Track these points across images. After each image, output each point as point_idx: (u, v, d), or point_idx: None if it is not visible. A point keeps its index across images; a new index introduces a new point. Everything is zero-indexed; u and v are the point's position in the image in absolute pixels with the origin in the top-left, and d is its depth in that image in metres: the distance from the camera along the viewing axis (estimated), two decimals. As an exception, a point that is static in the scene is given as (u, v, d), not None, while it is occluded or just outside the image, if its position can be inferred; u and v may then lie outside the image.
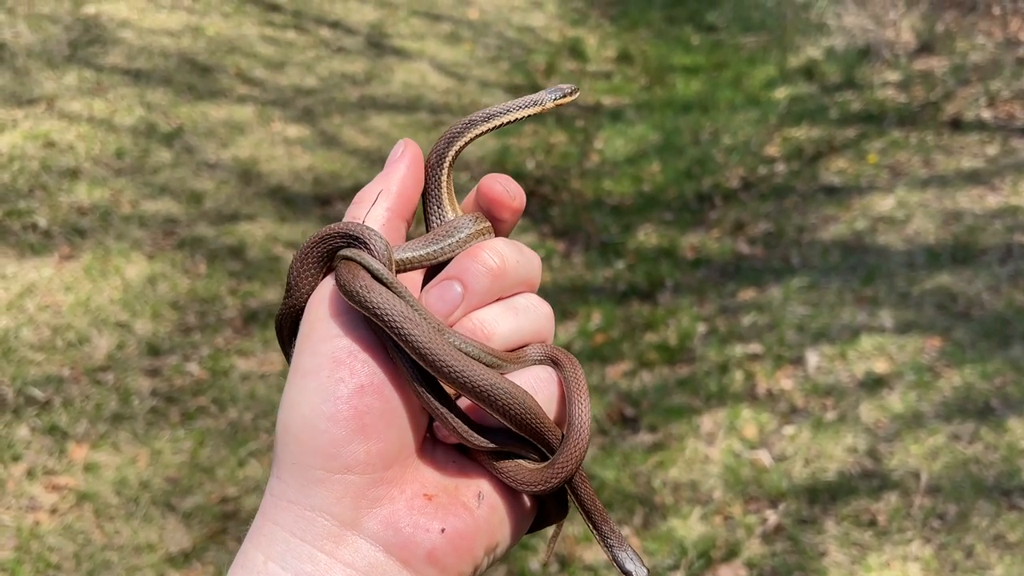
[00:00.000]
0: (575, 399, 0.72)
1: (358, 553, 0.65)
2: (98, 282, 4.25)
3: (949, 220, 4.96)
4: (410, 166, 0.76)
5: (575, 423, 0.71)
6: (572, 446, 0.71)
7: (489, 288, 0.72)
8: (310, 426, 0.65)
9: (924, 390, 3.75)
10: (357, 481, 0.65)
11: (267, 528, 0.65)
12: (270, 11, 7.68)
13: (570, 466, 0.71)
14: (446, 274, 0.73)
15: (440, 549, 0.67)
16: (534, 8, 9.83)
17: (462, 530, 0.68)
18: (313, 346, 0.68)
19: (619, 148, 6.61)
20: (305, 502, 0.65)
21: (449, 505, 0.69)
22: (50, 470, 3.30)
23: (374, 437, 0.66)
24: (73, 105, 5.56)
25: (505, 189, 0.77)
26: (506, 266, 0.73)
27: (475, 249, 0.74)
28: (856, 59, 7.24)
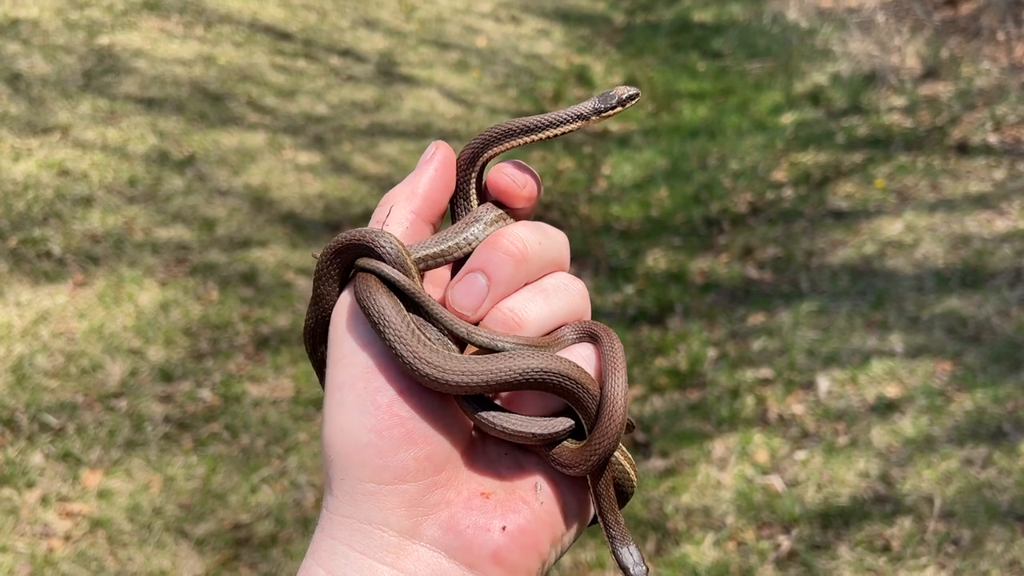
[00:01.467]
0: (609, 374, 0.70)
1: (420, 562, 0.64)
2: (111, 309, 4.28)
3: (957, 244, 4.97)
4: (439, 168, 0.74)
5: (607, 398, 0.69)
6: (605, 423, 0.68)
7: (513, 275, 0.71)
8: (354, 440, 0.64)
9: (936, 414, 3.75)
10: (410, 489, 0.64)
11: (326, 543, 0.64)
12: (281, 40, 7.78)
13: (606, 443, 0.68)
14: (468, 267, 0.72)
15: (504, 548, 0.65)
16: (541, 36, 9.93)
17: (524, 525, 0.67)
18: (345, 358, 0.67)
19: (627, 174, 6.65)
20: (360, 516, 0.64)
21: (508, 501, 0.67)
22: (64, 496, 3.31)
23: (420, 442, 0.65)
24: (87, 134, 5.62)
25: (512, 179, 0.75)
26: (528, 250, 0.71)
27: (494, 237, 0.72)
28: (862, 85, 7.28)
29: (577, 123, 0.80)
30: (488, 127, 0.80)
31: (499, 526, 0.66)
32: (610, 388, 0.69)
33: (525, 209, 0.77)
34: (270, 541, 3.27)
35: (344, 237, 0.70)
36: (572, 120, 0.80)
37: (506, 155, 0.80)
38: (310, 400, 3.95)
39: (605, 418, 0.68)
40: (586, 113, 0.80)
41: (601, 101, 0.80)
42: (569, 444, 0.70)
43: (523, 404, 0.71)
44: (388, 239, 0.69)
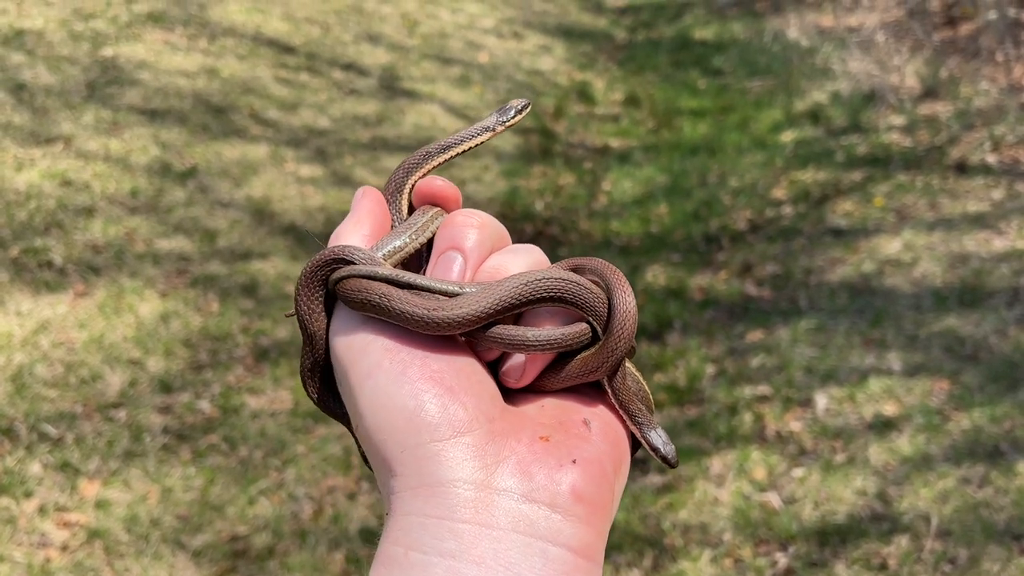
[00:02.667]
0: (612, 282, 0.74)
1: (500, 510, 0.63)
2: (111, 319, 4.29)
3: (956, 263, 4.99)
4: (372, 203, 0.78)
5: (617, 299, 0.73)
6: (619, 321, 0.72)
7: (481, 241, 0.74)
8: (400, 412, 0.65)
9: (933, 433, 3.75)
10: (471, 441, 0.64)
11: (400, 521, 0.63)
12: (284, 53, 7.82)
13: (623, 341, 0.72)
14: (437, 250, 0.74)
15: (579, 481, 0.65)
16: (543, 52, 9.98)
17: (591, 457, 0.67)
18: (363, 348, 0.69)
19: (627, 190, 6.67)
20: (431, 480, 0.63)
21: (567, 440, 0.68)
22: (61, 506, 3.31)
23: (463, 393, 0.66)
24: (90, 144, 5.65)
25: (443, 184, 0.79)
26: (483, 220, 0.75)
27: (448, 219, 0.75)
28: (861, 104, 7.32)
29: (485, 135, 0.87)
30: (408, 156, 0.86)
31: (569, 460, 0.66)
32: (618, 293, 0.73)
33: (454, 209, 0.81)
34: (267, 553, 3.27)
35: (315, 261, 0.73)
36: (480, 133, 0.87)
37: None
38: (308, 413, 3.95)
39: (619, 317, 0.72)
40: (491, 125, 0.88)
41: (502, 114, 0.88)
42: (583, 356, 0.74)
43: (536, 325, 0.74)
44: (355, 247, 0.73)
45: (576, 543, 0.63)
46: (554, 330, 0.73)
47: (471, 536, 0.61)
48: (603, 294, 0.74)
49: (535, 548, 0.62)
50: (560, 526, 0.63)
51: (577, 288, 0.73)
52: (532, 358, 0.73)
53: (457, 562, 0.60)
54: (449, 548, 0.60)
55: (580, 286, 0.73)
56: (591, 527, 0.65)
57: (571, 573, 0.62)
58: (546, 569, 0.61)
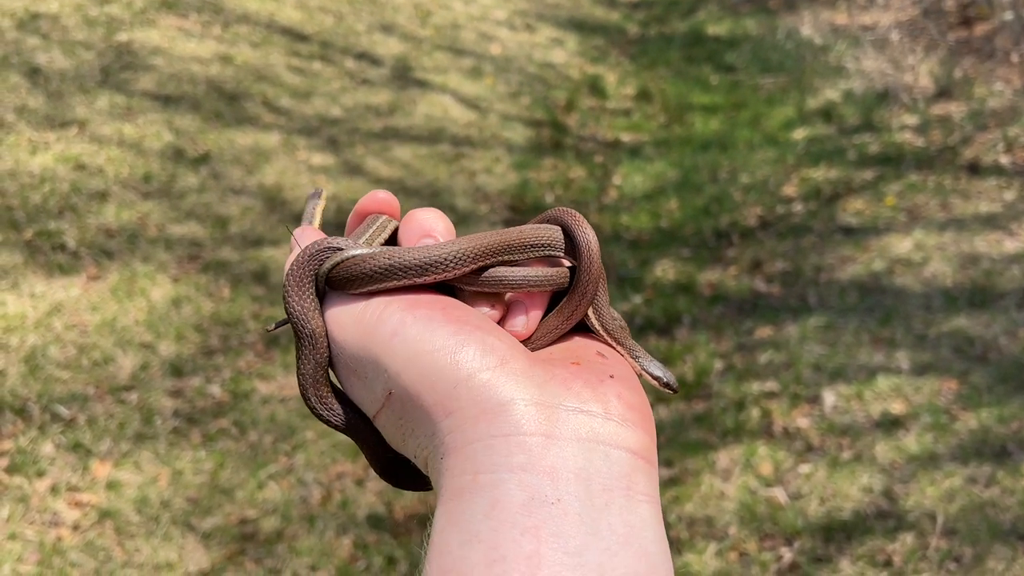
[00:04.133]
0: (571, 224, 0.78)
1: (561, 422, 0.64)
2: (124, 303, 4.32)
3: (966, 264, 4.98)
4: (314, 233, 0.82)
5: (578, 237, 0.77)
6: (584, 252, 0.77)
7: (447, 228, 0.77)
8: (442, 350, 0.66)
9: (940, 432, 3.76)
10: (517, 367, 0.65)
11: (462, 452, 0.62)
12: (297, 42, 7.83)
13: (594, 270, 0.77)
14: (409, 243, 0.77)
15: (623, 391, 0.68)
16: (555, 45, 9.97)
17: (623, 372, 0.71)
18: (379, 320, 0.70)
19: (637, 184, 6.68)
20: (492, 403, 0.64)
21: (594, 362, 0.72)
22: (73, 487, 3.34)
23: (491, 331, 0.69)
24: (104, 129, 5.67)
25: (385, 194, 0.81)
26: (440, 213, 0.78)
27: (407, 218, 0.79)
28: (874, 102, 7.31)
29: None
30: None
31: (607, 375, 0.69)
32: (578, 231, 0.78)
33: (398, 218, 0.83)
34: (276, 537, 3.29)
35: (302, 255, 0.75)
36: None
37: None
38: (318, 399, 3.97)
39: (583, 249, 0.77)
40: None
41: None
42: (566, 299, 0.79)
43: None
44: (336, 237, 0.76)
45: (635, 445, 0.65)
46: (545, 268, 0.77)
47: (539, 447, 0.62)
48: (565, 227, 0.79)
49: (599, 452, 0.63)
50: (617, 430, 0.65)
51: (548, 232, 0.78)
52: (531, 303, 0.77)
53: (528, 474, 0.61)
54: (519, 462, 0.61)
55: (550, 230, 0.78)
56: (644, 431, 0.67)
57: (632, 473, 0.64)
58: (612, 470, 0.63)
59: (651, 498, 0.65)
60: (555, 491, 0.61)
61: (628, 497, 0.63)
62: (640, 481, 0.64)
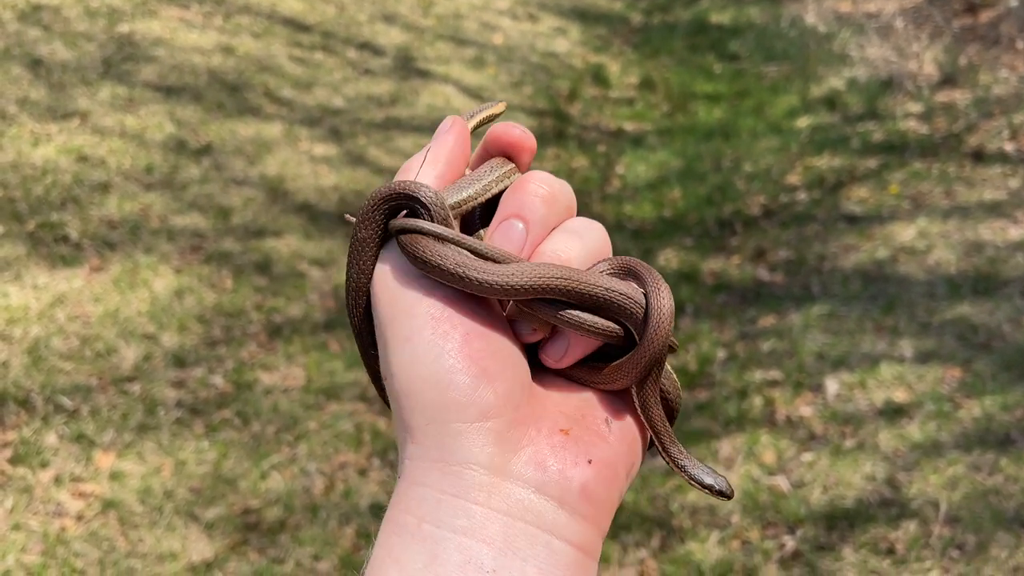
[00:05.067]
0: (651, 290, 0.72)
1: (512, 498, 0.65)
2: (126, 294, 4.32)
3: (970, 251, 4.97)
4: (457, 139, 0.76)
5: (654, 307, 0.72)
6: (653, 328, 0.71)
7: (546, 216, 0.73)
8: (435, 382, 0.65)
9: (944, 420, 3.75)
10: (494, 426, 0.65)
11: (414, 491, 0.65)
12: (299, 32, 7.81)
13: (652, 351, 0.71)
14: (502, 215, 0.73)
15: (592, 481, 0.67)
16: (558, 34, 9.94)
17: (606, 459, 0.68)
18: (407, 310, 0.68)
19: (640, 173, 6.66)
20: (451, 458, 0.65)
21: (585, 436, 0.69)
22: (77, 477, 3.35)
23: (497, 378, 0.66)
24: (106, 120, 5.67)
25: (520, 132, 0.77)
26: (554, 191, 0.73)
27: (520, 183, 0.74)
28: (878, 90, 7.27)
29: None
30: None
31: (585, 460, 0.67)
32: (655, 302, 0.72)
33: (526, 163, 0.79)
34: (279, 527, 3.30)
35: (385, 191, 0.72)
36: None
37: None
38: (321, 389, 3.98)
39: (653, 323, 0.71)
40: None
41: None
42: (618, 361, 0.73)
43: None
44: (430, 189, 0.71)
45: (579, 540, 0.66)
46: (601, 320, 0.72)
47: (482, 517, 0.63)
48: (642, 303, 0.73)
49: (541, 539, 0.64)
50: (566, 521, 0.66)
51: (625, 301, 0.72)
52: (576, 341, 0.73)
53: (468, 539, 0.63)
54: (461, 525, 0.63)
55: (630, 298, 0.72)
56: (595, 525, 0.67)
57: (571, 566, 0.65)
58: (549, 560, 0.64)
59: None
60: (492, 562, 0.62)
61: None
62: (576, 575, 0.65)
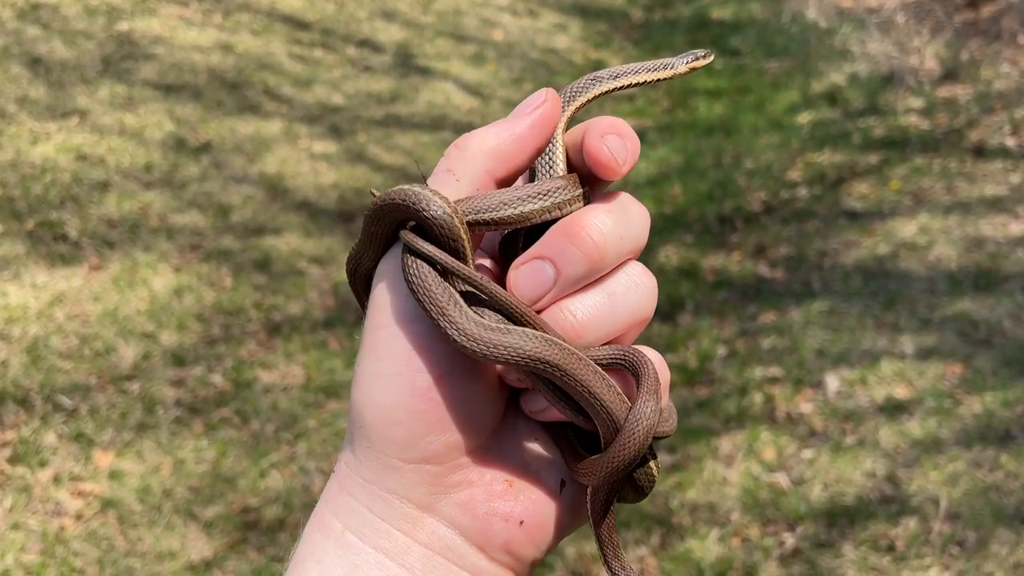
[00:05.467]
0: (642, 395, 0.66)
1: (435, 535, 0.64)
2: (125, 293, 4.32)
3: (971, 247, 4.95)
4: (537, 125, 0.68)
5: (632, 417, 0.65)
6: (623, 440, 0.65)
7: (586, 272, 0.65)
8: (386, 415, 0.63)
9: (944, 416, 3.74)
10: (434, 470, 0.64)
11: (344, 499, 0.64)
12: (299, 29, 7.80)
13: (616, 462, 0.65)
14: (538, 252, 0.65)
15: (517, 540, 0.65)
16: (558, 31, 9.92)
17: (540, 521, 0.67)
18: (386, 328, 0.64)
19: (641, 170, 6.64)
20: (381, 485, 0.64)
21: (529, 491, 0.67)
22: (76, 476, 3.35)
23: (452, 429, 0.64)
24: (105, 119, 5.66)
25: (613, 154, 0.66)
26: (607, 245, 0.65)
27: (572, 225, 0.65)
28: (880, 85, 7.25)
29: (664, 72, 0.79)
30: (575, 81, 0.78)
31: (517, 520, 0.66)
32: (638, 408, 0.65)
33: (610, 182, 0.70)
34: (278, 525, 3.30)
35: (391, 197, 0.65)
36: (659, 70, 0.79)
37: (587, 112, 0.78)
38: (320, 388, 3.98)
39: (624, 436, 0.65)
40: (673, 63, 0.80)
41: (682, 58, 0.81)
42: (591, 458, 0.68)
43: None
44: (438, 207, 0.63)
45: None
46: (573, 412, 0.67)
47: (404, 544, 0.64)
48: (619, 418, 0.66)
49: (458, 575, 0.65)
50: (484, 566, 0.66)
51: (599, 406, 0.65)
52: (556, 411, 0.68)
53: (388, 559, 0.63)
54: (385, 546, 0.63)
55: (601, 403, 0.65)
56: (514, 572, 0.67)
57: None
58: None
59: None
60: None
61: None
62: None
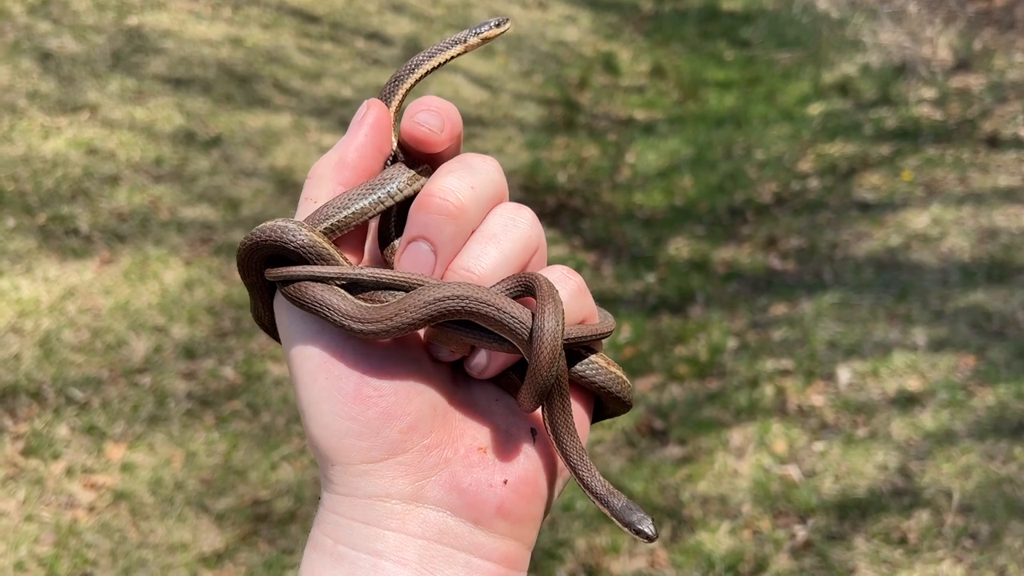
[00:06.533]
0: (538, 312, 0.65)
1: (427, 523, 0.64)
2: (136, 286, 4.33)
3: (985, 238, 4.91)
4: (369, 133, 0.71)
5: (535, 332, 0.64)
6: (534, 355, 0.64)
7: (456, 232, 0.66)
8: (333, 431, 0.63)
9: (957, 409, 3.72)
10: (406, 459, 0.63)
11: (329, 517, 0.64)
12: (308, 23, 7.80)
13: (538, 375, 0.64)
14: (408, 236, 0.67)
15: (508, 500, 0.65)
16: (568, 23, 9.88)
17: (524, 475, 0.66)
18: (299, 354, 0.66)
19: (651, 162, 6.62)
20: (360, 492, 0.63)
21: (504, 452, 0.66)
22: (88, 469, 3.37)
23: (399, 415, 0.63)
24: (115, 113, 5.68)
25: (428, 126, 0.68)
26: (461, 199, 0.66)
27: (422, 197, 0.67)
28: (892, 76, 7.20)
29: (458, 48, 0.83)
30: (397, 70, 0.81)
31: (500, 480, 0.65)
32: (539, 321, 0.64)
33: (451, 148, 0.71)
34: (289, 517, 3.31)
35: (250, 239, 0.68)
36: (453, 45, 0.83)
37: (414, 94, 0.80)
38: (330, 380, 3.98)
39: (535, 348, 0.64)
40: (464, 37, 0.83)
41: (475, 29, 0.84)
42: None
43: None
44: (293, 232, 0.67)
45: (499, 555, 0.65)
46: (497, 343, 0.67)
47: (396, 542, 0.63)
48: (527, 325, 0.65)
49: (459, 559, 0.64)
50: (484, 540, 0.65)
51: (500, 315, 0.65)
52: (494, 355, 0.68)
53: (383, 560, 0.62)
54: (377, 548, 0.63)
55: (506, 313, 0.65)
56: (517, 539, 0.66)
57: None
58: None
59: None
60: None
61: None
62: None
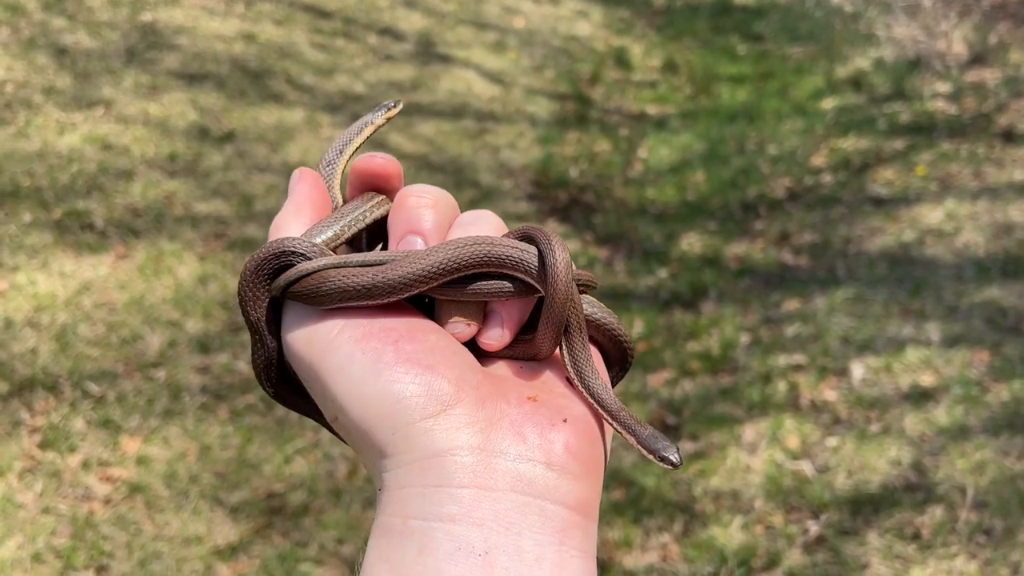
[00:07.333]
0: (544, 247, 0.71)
1: (499, 471, 0.63)
2: (151, 281, 4.36)
3: (1000, 233, 4.89)
4: (311, 186, 0.78)
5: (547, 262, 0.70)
6: (550, 281, 0.69)
7: (438, 221, 0.73)
8: (385, 394, 0.64)
9: (971, 404, 3.71)
10: (461, 411, 0.64)
11: (396, 495, 0.64)
12: (320, 18, 7.82)
13: (556, 301, 0.69)
14: (396, 236, 0.73)
15: (572, 439, 0.66)
16: (580, 17, 9.86)
17: (580, 415, 0.68)
18: (328, 347, 0.68)
19: (663, 157, 6.61)
20: (427, 452, 0.63)
21: (554, 399, 0.68)
22: (104, 462, 3.39)
23: (443, 367, 0.66)
24: (129, 109, 5.71)
25: (382, 160, 0.78)
26: (435, 196, 0.74)
27: (399, 202, 0.74)
28: (906, 70, 7.16)
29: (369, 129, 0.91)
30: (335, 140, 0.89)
31: (560, 419, 0.67)
32: (548, 254, 0.70)
33: (398, 187, 0.79)
34: (303, 511, 3.33)
35: (255, 258, 0.72)
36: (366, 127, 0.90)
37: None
38: (344, 375, 4.00)
39: (550, 274, 0.69)
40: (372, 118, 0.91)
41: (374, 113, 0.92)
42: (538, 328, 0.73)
43: None
44: (294, 239, 0.72)
45: (572, 499, 0.64)
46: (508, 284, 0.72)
47: (471, 499, 0.62)
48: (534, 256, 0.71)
49: (533, 506, 0.63)
50: (557, 483, 0.64)
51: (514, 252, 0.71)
52: (508, 314, 0.72)
53: (457, 525, 0.61)
54: (449, 512, 0.61)
55: (517, 249, 0.71)
56: (586, 483, 0.66)
57: (568, 529, 0.63)
58: (545, 526, 0.63)
59: (585, 553, 0.64)
60: (484, 543, 0.61)
61: (560, 552, 0.62)
62: (575, 536, 0.63)
